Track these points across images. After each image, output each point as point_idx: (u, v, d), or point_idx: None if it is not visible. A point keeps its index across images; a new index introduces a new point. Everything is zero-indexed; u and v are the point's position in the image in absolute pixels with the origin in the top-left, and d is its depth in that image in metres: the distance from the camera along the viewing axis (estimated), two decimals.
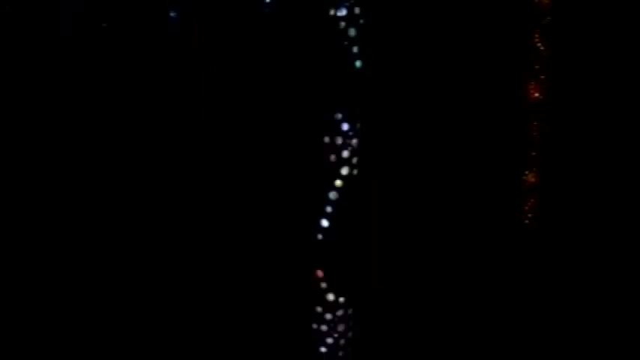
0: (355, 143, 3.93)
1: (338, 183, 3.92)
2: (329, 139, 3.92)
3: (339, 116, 3.92)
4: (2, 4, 4.81)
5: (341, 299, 4.00)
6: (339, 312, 4.01)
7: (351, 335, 4.08)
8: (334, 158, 3.91)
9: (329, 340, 4.04)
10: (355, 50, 3.89)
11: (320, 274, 3.98)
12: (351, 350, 4.09)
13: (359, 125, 3.95)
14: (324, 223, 3.95)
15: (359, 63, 3.92)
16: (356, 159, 3.93)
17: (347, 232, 3.97)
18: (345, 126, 3.91)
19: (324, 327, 4.02)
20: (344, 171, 3.92)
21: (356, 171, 3.94)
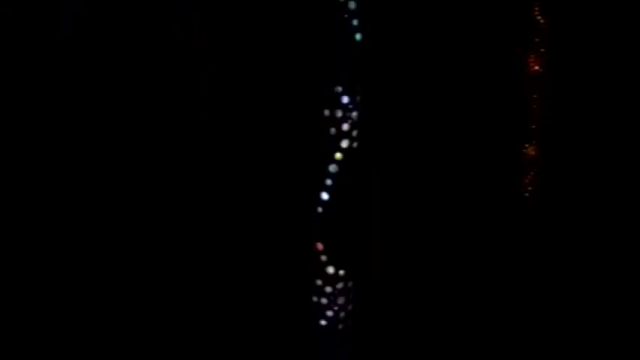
0: (355, 116, 3.92)
1: (338, 156, 3.92)
2: (329, 112, 3.91)
3: (339, 89, 3.91)
4: (2, 4, 4.79)
5: (341, 272, 4.01)
6: (339, 285, 4.02)
7: (351, 308, 4.09)
8: (334, 131, 3.91)
9: (329, 313, 4.05)
10: (355, 23, 3.87)
11: (320, 247, 3.99)
12: (351, 323, 4.10)
13: (359, 98, 3.94)
14: (324, 196, 3.95)
15: (359, 36, 3.91)
16: (356, 132, 3.93)
17: (347, 205, 3.98)
18: (345, 99, 3.91)
19: (324, 300, 4.03)
20: (344, 144, 3.91)
21: (356, 144, 3.93)
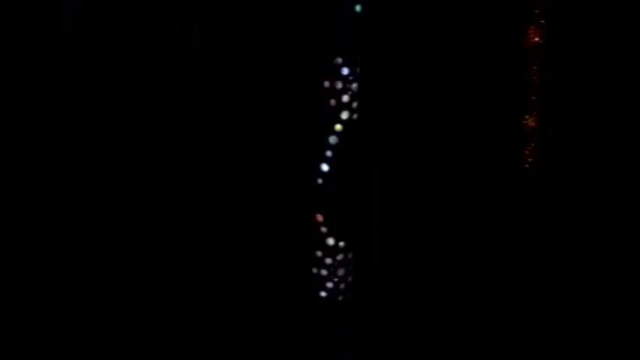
0: (355, 88, 3.92)
1: (338, 127, 3.92)
2: (329, 84, 3.91)
3: (339, 61, 3.90)
4: (2, 4, 4.77)
5: (341, 244, 4.02)
6: (339, 256, 4.03)
7: (351, 280, 4.11)
8: (334, 103, 3.91)
9: (329, 285, 4.07)
10: None
11: (320, 219, 4.00)
12: (351, 294, 4.12)
13: (359, 70, 3.94)
14: (324, 168, 3.95)
15: (359, 7, 3.90)
16: (356, 103, 3.92)
17: (347, 177, 3.98)
18: (345, 70, 3.90)
19: (324, 271, 4.05)
20: (344, 115, 3.91)
21: (356, 115, 3.93)
